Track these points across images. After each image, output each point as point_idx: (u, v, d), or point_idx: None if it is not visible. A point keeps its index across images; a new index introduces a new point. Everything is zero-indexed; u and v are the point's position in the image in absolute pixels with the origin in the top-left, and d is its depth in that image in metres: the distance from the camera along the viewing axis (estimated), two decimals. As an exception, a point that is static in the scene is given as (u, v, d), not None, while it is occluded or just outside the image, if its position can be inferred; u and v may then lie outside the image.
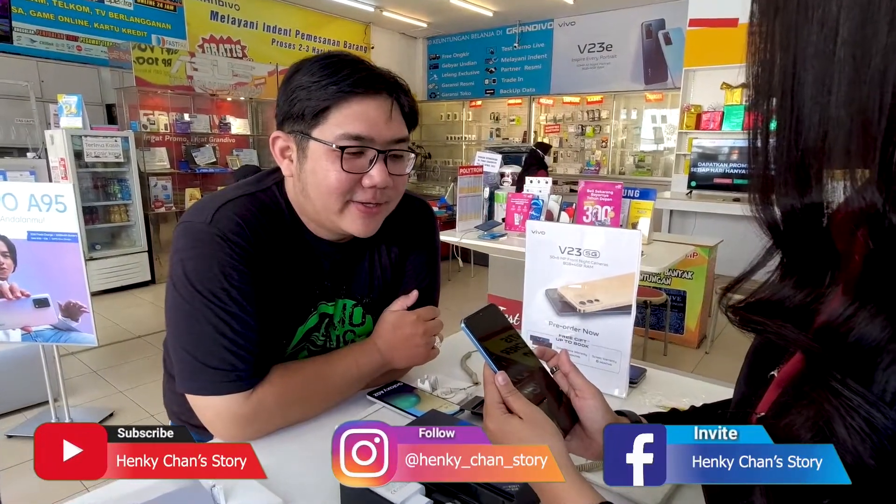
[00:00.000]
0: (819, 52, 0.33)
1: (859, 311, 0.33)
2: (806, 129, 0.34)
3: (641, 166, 7.31)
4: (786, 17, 0.34)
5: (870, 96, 0.31)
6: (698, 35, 5.23)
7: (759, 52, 0.37)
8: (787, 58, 0.34)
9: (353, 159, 0.78)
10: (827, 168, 0.34)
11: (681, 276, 3.55)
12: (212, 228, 0.78)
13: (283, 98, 0.81)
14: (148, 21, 6.23)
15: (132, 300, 4.60)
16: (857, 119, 0.31)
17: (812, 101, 0.33)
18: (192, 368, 0.77)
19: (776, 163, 0.36)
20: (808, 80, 0.33)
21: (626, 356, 0.94)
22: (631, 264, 0.90)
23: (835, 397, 0.33)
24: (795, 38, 0.34)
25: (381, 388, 0.96)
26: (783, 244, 0.39)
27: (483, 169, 2.91)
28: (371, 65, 0.81)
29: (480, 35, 8.74)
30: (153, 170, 5.17)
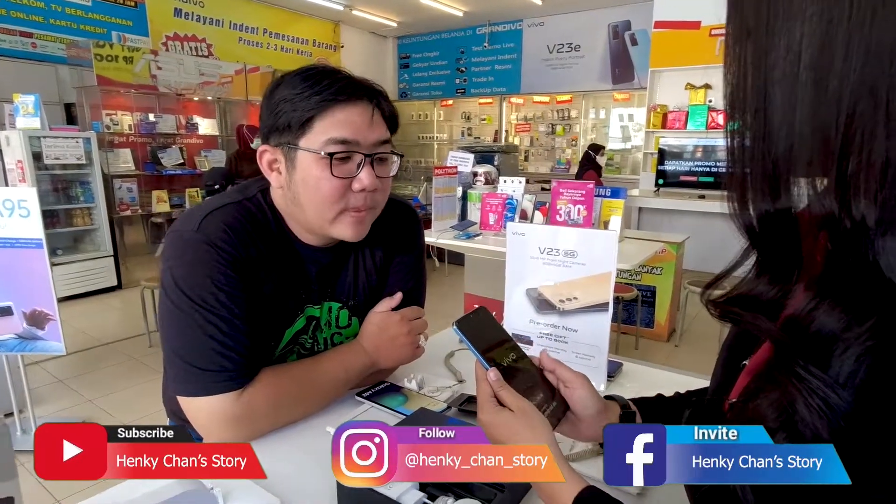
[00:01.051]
0: (785, 74, 0.36)
1: (819, 304, 0.36)
2: (776, 142, 0.37)
3: (610, 164, 7.46)
4: (756, 42, 0.38)
5: (828, 116, 0.34)
6: (663, 37, 5.37)
7: (734, 71, 0.40)
8: (759, 78, 0.38)
9: (341, 165, 0.80)
10: (794, 177, 0.38)
11: (650, 272, 3.65)
12: (199, 235, 0.79)
13: (266, 112, 0.83)
14: (107, 17, 6.02)
15: (98, 306, 4.46)
16: (818, 135, 0.35)
17: (780, 118, 0.37)
18: (183, 372, 0.79)
19: (751, 172, 0.40)
20: (776, 99, 0.37)
21: (604, 351, 0.97)
22: (607, 263, 0.93)
23: (798, 381, 0.36)
24: (765, 60, 0.37)
25: (370, 388, 0.97)
26: (758, 245, 0.42)
27: (457, 168, 2.94)
28: (349, 73, 0.84)
29: (451, 35, 8.77)
30: (117, 171, 5.02)
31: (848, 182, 0.34)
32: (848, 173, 0.34)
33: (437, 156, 8.67)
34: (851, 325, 0.35)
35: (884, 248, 0.33)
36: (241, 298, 0.80)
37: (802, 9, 0.35)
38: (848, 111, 0.33)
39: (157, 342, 3.58)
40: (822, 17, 0.34)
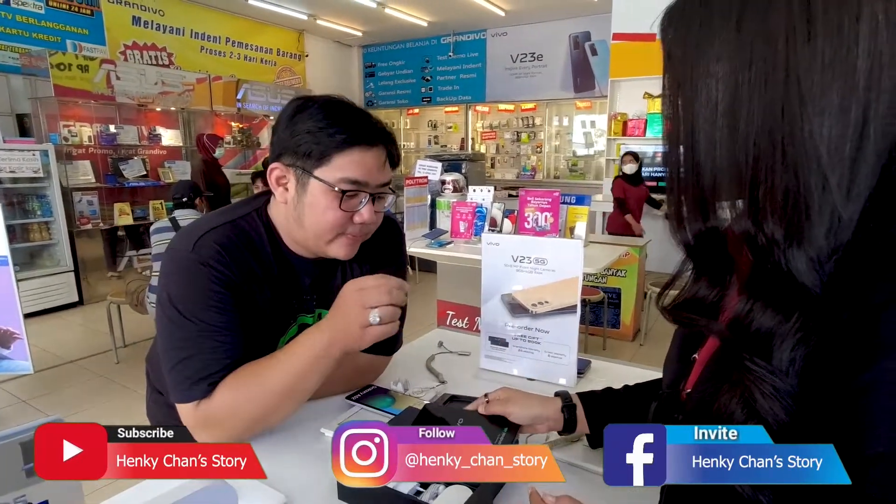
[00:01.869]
0: (707, 120, 0.44)
1: (753, 306, 0.43)
2: (703, 174, 0.45)
3: (574, 170, 7.68)
4: (685, 93, 0.46)
5: (740, 154, 0.42)
6: (621, 48, 5.59)
7: (669, 115, 0.48)
8: (688, 122, 0.46)
9: (349, 200, 0.87)
10: (718, 202, 0.46)
11: (615, 275, 3.80)
12: (193, 255, 0.85)
13: (285, 134, 0.87)
14: (62, 26, 5.84)
15: (59, 323, 4.33)
16: (734, 169, 0.43)
17: (705, 154, 0.45)
18: (175, 379, 0.84)
19: (685, 197, 0.48)
20: (701, 139, 0.45)
21: (573, 350, 1.05)
22: (574, 269, 1.02)
23: (748, 373, 0.43)
24: (692, 108, 0.45)
25: (358, 391, 1.03)
26: (694, 257, 0.50)
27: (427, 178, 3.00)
28: (367, 114, 0.91)
29: (416, 44, 8.86)
30: (77, 184, 4.89)
31: (759, 206, 0.42)
32: (758, 199, 0.42)
33: (405, 164, 8.74)
34: (782, 321, 0.41)
35: (792, 258, 0.41)
36: (228, 313, 0.85)
37: (716, 71, 0.43)
38: (754, 151, 0.42)
39: (124, 358, 3.51)
40: (730, 78, 0.42)
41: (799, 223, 0.41)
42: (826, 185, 0.40)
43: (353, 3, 6.82)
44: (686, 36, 0.46)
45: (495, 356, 1.14)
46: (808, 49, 0.39)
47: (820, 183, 0.40)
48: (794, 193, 0.40)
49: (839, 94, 0.39)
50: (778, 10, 0.40)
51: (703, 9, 0.44)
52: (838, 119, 0.39)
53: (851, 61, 0.39)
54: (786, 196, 0.41)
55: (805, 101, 0.40)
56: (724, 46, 0.43)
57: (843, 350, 0.39)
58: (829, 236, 0.40)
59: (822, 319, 0.40)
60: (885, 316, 0.37)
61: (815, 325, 0.40)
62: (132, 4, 6.35)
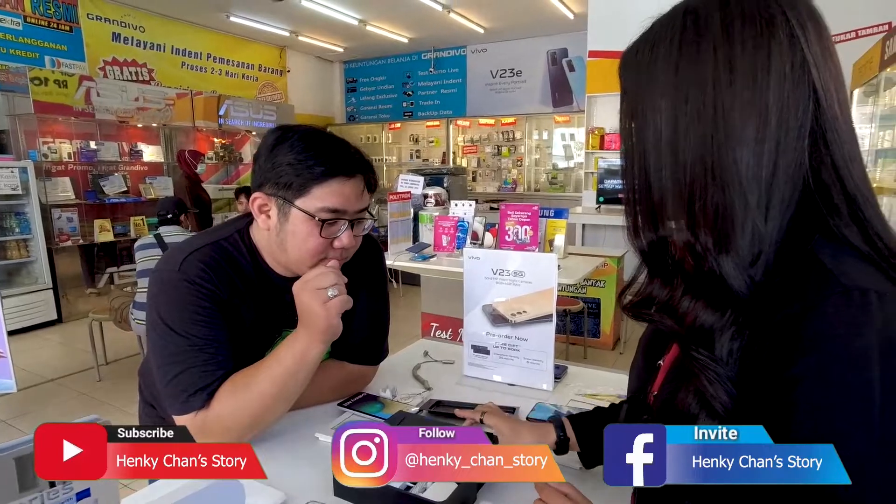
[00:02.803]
0: (654, 147, 0.52)
1: (696, 304, 0.51)
2: (653, 191, 0.53)
3: (555, 183, 7.83)
4: (637, 122, 0.54)
5: (681, 175, 0.51)
6: (597, 65, 5.76)
7: (625, 140, 0.56)
8: (640, 148, 0.54)
9: (329, 227, 0.92)
10: (666, 215, 0.53)
11: (594, 285, 3.90)
12: (180, 274, 0.90)
13: (266, 164, 0.92)
14: (40, 42, 5.80)
15: (38, 342, 4.27)
16: (676, 188, 0.51)
17: (654, 176, 0.53)
18: (170, 393, 0.89)
19: (640, 211, 0.55)
20: (650, 162, 0.53)
21: (550, 356, 1.13)
22: (550, 281, 1.09)
23: (695, 361, 0.49)
24: (642, 135, 0.53)
25: (349, 398, 1.08)
26: (648, 262, 0.58)
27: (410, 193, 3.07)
28: (346, 145, 0.96)
29: (397, 60, 8.99)
30: (56, 201, 4.85)
31: (695, 219, 0.50)
32: (695, 214, 0.50)
33: (387, 178, 8.79)
34: (719, 317, 0.49)
35: (723, 263, 0.49)
36: (217, 327, 0.91)
37: (660, 106, 0.51)
38: (692, 173, 0.50)
39: (106, 375, 3.48)
40: (671, 113, 0.51)
41: (726, 234, 0.48)
42: (747, 203, 0.48)
43: (335, 20, 6.91)
44: (637, 76, 0.54)
45: (478, 363, 1.21)
46: (731, 92, 0.48)
47: (742, 201, 0.48)
48: (723, 209, 0.48)
49: (756, 129, 0.47)
50: (706, 60, 0.49)
51: (651, 54, 0.53)
52: (755, 149, 0.48)
53: (764, 103, 0.47)
54: (716, 211, 0.49)
55: (729, 134, 0.48)
56: (666, 87, 0.51)
57: (772, 349, 0.45)
58: (751, 246, 0.48)
59: (752, 318, 0.47)
60: (806, 321, 0.44)
61: (745, 322, 0.48)
62: (112, 21, 6.34)
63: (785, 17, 0.48)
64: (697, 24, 0.50)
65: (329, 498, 0.77)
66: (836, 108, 0.49)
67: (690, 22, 0.50)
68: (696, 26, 0.50)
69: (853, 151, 0.50)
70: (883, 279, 0.46)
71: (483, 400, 1.08)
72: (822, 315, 0.44)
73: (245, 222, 1.01)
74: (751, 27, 0.48)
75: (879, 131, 3.46)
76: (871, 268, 0.47)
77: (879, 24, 3.96)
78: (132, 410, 1.11)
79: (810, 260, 0.47)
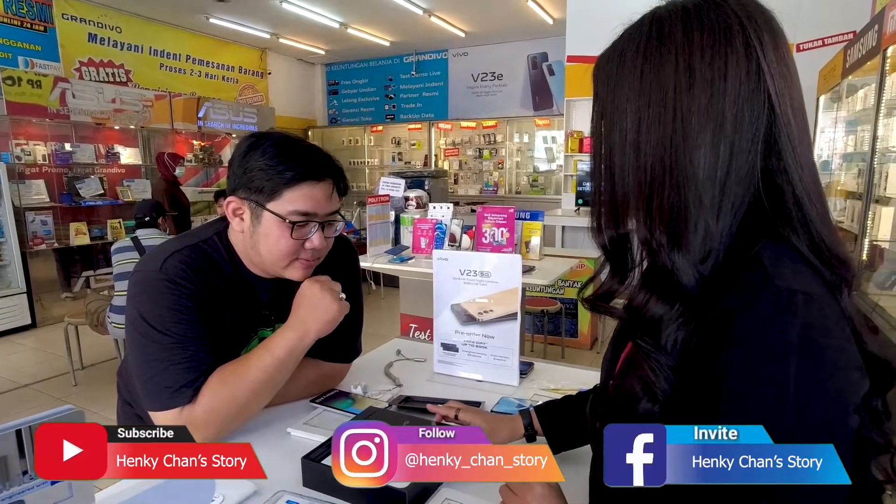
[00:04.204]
0: (620, 147, 0.55)
1: (649, 297, 0.53)
2: (616, 190, 0.56)
3: (536, 185, 7.92)
4: (606, 124, 0.57)
5: (642, 175, 0.54)
6: (575, 70, 5.84)
7: (594, 140, 0.59)
8: (607, 148, 0.57)
9: (300, 229, 0.96)
10: (627, 212, 0.56)
11: (572, 286, 3.97)
12: (161, 275, 0.93)
13: (239, 170, 0.97)
14: (13, 42, 5.70)
15: (10, 347, 4.19)
16: (637, 187, 0.54)
17: (619, 175, 0.56)
18: (148, 390, 0.91)
19: (603, 209, 0.58)
20: (616, 162, 0.56)
21: (515, 353, 1.17)
22: (515, 280, 1.14)
23: (641, 349, 0.52)
24: (609, 136, 0.56)
25: (321, 395, 1.11)
26: (609, 257, 0.60)
27: (389, 196, 3.10)
28: (317, 151, 0.99)
29: (378, 63, 9.01)
30: (30, 204, 4.77)
31: (652, 217, 0.53)
32: (652, 211, 0.53)
33: (369, 180, 8.81)
34: (669, 310, 0.51)
35: (676, 259, 0.52)
36: (198, 325, 0.94)
37: (626, 108, 0.54)
38: (651, 173, 0.53)
39: (82, 380, 3.45)
40: (635, 115, 0.54)
41: (679, 231, 0.51)
42: (701, 202, 0.51)
43: (317, 23, 6.91)
44: (607, 79, 0.57)
45: (447, 361, 1.25)
46: (689, 96, 0.51)
47: (696, 200, 0.51)
48: (678, 208, 0.51)
49: (712, 132, 0.50)
50: (668, 65, 0.52)
51: (619, 59, 0.56)
52: (710, 152, 0.51)
53: (720, 108, 0.50)
54: (671, 210, 0.52)
55: (687, 135, 0.51)
56: (631, 91, 0.54)
57: (707, 341, 0.49)
58: (703, 244, 0.51)
59: (696, 311, 0.50)
60: (737, 317, 0.47)
61: (691, 315, 0.51)
62: (88, 21, 6.26)
63: (742, 28, 0.51)
64: (661, 33, 0.53)
65: (298, 488, 0.80)
66: (790, 114, 0.51)
67: (655, 30, 0.53)
68: (660, 34, 0.53)
69: (805, 157, 0.53)
70: (817, 282, 0.49)
71: (452, 396, 1.11)
72: (752, 312, 0.47)
73: (223, 225, 1.04)
74: (709, 36, 0.51)
75: (844, 136, 3.59)
76: (809, 270, 0.50)
77: (844, 32, 4.11)
78: (109, 414, 1.12)
79: (753, 260, 0.50)
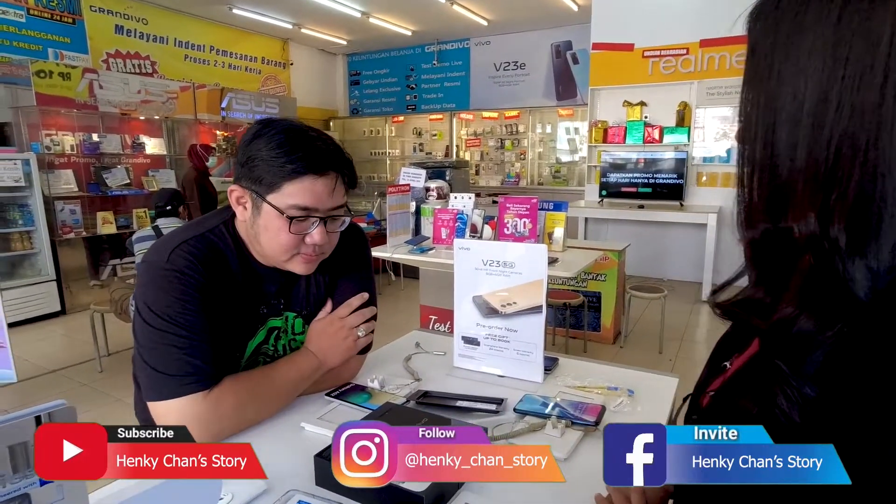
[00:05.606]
0: (790, 117, 0.42)
1: (801, 311, 0.42)
2: (779, 172, 0.44)
3: (558, 176, 7.80)
4: (768, 88, 0.44)
5: (820, 155, 0.41)
6: (601, 57, 5.71)
7: (747, 110, 0.46)
8: (769, 118, 0.44)
9: (299, 223, 0.93)
10: (791, 202, 0.43)
11: (595, 279, 3.88)
12: (169, 265, 0.91)
13: (243, 159, 0.94)
14: (43, 34, 5.81)
15: (41, 333, 4.30)
16: (812, 170, 0.42)
17: (783, 153, 0.43)
18: (156, 379, 0.89)
19: (759, 196, 0.46)
20: (782, 137, 0.43)
21: (540, 348, 1.12)
22: (540, 272, 1.08)
23: (778, 374, 0.42)
24: (774, 104, 0.44)
25: (337, 388, 1.08)
26: (757, 257, 0.47)
27: (409, 186, 3.06)
28: (323, 142, 0.94)
29: (400, 52, 8.95)
30: (59, 193, 4.87)
31: (829, 210, 0.41)
32: (829, 203, 0.41)
33: (390, 171, 8.79)
34: (823, 329, 0.40)
35: (851, 266, 0.40)
36: (204, 316, 0.92)
37: (807, 66, 0.42)
38: (837, 152, 0.40)
39: (108, 367, 3.51)
40: (821, 75, 0.41)
41: (866, 232, 0.39)
42: None
43: (338, 13, 6.88)
44: (777, 28, 0.44)
45: (468, 355, 1.20)
46: None
47: None
48: (868, 201, 0.39)
49: None
50: (884, 8, 0.38)
51: (799, 2, 0.42)
52: None
53: None
54: (858, 203, 0.40)
55: None
56: (819, 41, 0.41)
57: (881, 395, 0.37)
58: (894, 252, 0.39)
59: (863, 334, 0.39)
60: None
61: (852, 338, 0.40)
62: (115, 13, 6.35)
63: None
64: None
65: (311, 487, 0.77)
66: None
67: None
68: None
69: None
70: None
71: (471, 391, 1.07)
72: None
73: (230, 213, 1.02)
74: None
75: None
76: None
77: None
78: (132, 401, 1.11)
79: None
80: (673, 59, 5.35)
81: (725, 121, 5.32)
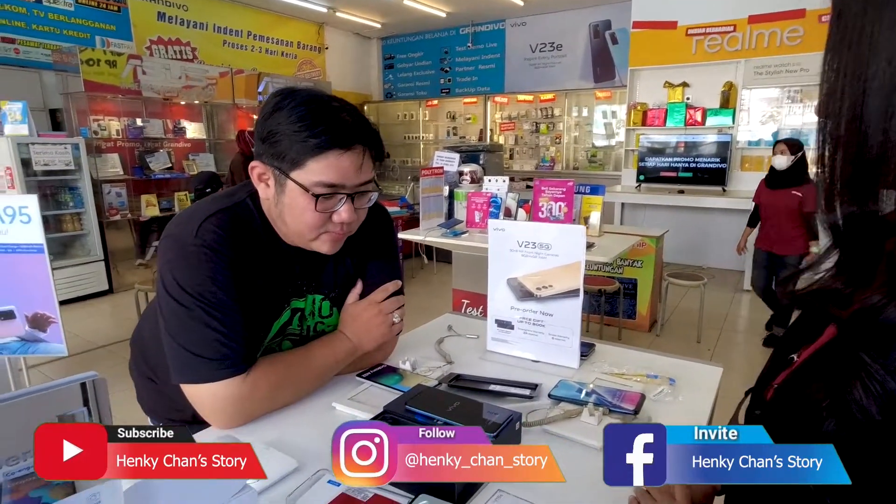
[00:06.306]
0: (884, 84, 0.38)
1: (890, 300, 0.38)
2: (870, 148, 0.39)
3: (594, 161, 7.62)
4: (858, 54, 0.39)
5: None
6: (641, 36, 5.52)
7: (830, 82, 0.42)
8: (858, 87, 0.39)
9: (325, 201, 0.89)
10: (882, 181, 0.39)
11: (632, 265, 3.79)
12: (198, 240, 0.87)
13: (264, 134, 0.89)
14: (90, 22, 6.01)
15: (90, 310, 4.50)
16: None
17: (876, 126, 0.38)
18: (189, 361, 0.86)
19: (842, 175, 0.42)
20: (874, 107, 0.38)
21: (576, 333, 1.09)
22: (577, 254, 1.05)
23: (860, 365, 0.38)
24: (866, 71, 0.39)
25: (369, 370, 1.08)
26: (841, 243, 0.43)
27: (443, 169, 3.04)
28: (348, 113, 0.89)
29: (434, 35, 8.86)
30: (106, 176, 5.05)
31: None
32: None
33: (423, 155, 8.76)
34: None
35: None
36: (236, 294, 0.89)
37: None
38: None
39: (152, 344, 3.64)
40: None
41: None
42: None
43: (372, -5, 6.85)
44: None
45: (501, 338, 1.18)
46: None
47: None
48: None
49: None
50: None
51: None
52: None
53: None
54: None
55: None
56: None
57: None
58: None
59: None
60: None
61: None
62: (157, 0, 6.50)
63: None
64: None
65: (343, 465, 0.77)
66: None
67: None
68: None
69: None
70: None
71: (505, 375, 1.05)
72: None
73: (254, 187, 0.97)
74: None
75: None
76: None
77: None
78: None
79: None
80: (719, 36, 5.11)
81: (773, 102, 5.08)
